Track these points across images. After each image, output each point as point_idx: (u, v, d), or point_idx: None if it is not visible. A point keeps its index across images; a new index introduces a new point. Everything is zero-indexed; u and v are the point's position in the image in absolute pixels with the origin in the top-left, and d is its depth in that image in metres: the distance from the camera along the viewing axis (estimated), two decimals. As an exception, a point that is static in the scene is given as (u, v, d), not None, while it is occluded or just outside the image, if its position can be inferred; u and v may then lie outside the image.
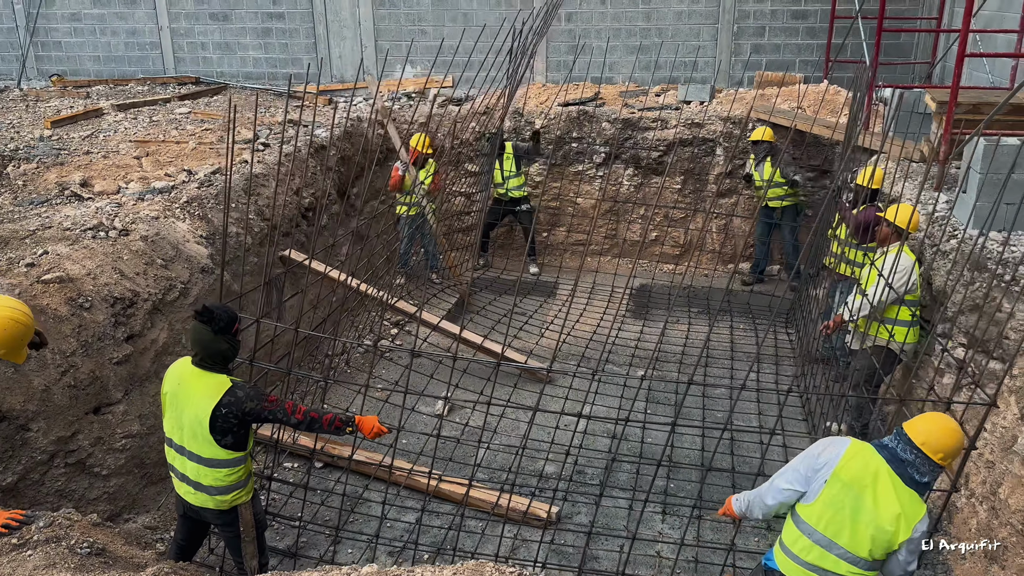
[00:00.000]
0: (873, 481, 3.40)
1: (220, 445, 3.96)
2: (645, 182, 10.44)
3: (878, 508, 3.35)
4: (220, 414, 3.89)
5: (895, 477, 3.39)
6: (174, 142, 8.81)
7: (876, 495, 3.37)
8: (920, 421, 3.46)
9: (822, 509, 3.48)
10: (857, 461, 3.47)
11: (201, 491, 4.09)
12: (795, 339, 8.57)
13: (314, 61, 13.34)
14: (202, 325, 3.93)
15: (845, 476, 3.45)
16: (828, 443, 3.61)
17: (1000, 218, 6.13)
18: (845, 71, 11.53)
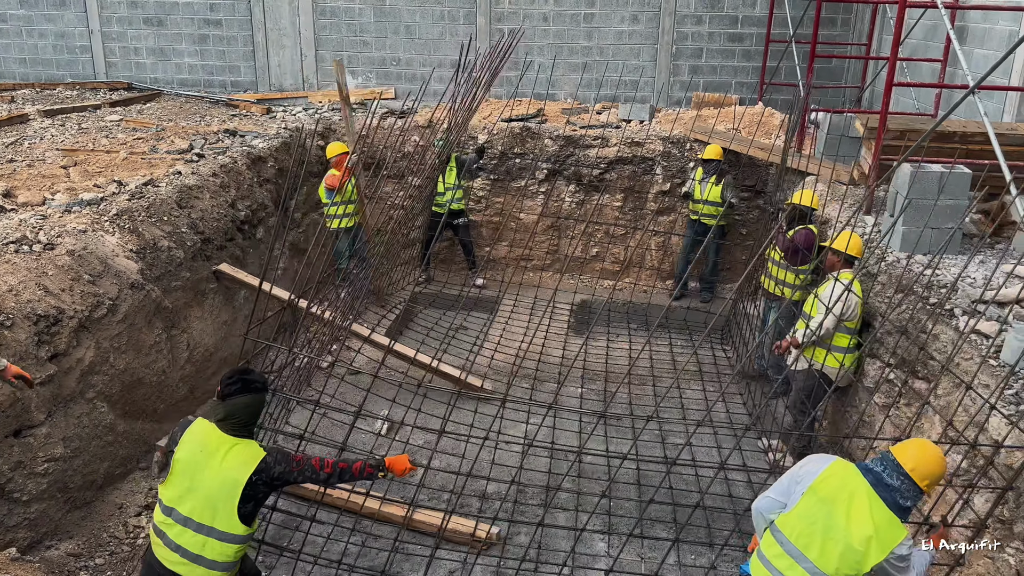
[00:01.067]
0: (849, 499, 3.42)
1: (241, 518, 3.66)
2: (587, 199, 10.53)
3: (850, 527, 3.37)
4: (252, 482, 3.65)
5: (875, 499, 3.41)
6: (104, 151, 8.53)
7: (849, 513, 3.39)
8: (910, 447, 3.50)
9: (796, 521, 3.50)
10: (836, 479, 3.50)
11: (200, 565, 3.72)
12: (733, 355, 8.73)
13: (252, 69, 13.11)
14: (257, 394, 3.77)
15: (822, 491, 3.49)
16: (814, 458, 3.66)
17: (924, 242, 6.37)
18: (779, 93, 11.86)
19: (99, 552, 5.19)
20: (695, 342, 9.10)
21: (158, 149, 8.76)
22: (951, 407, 4.81)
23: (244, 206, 8.39)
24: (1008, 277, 5.43)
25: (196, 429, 3.76)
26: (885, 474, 3.46)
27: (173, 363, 6.65)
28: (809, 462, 3.65)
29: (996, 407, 4.33)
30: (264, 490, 3.72)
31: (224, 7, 12.78)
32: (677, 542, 5.26)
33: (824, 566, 3.38)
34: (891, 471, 3.45)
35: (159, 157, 8.41)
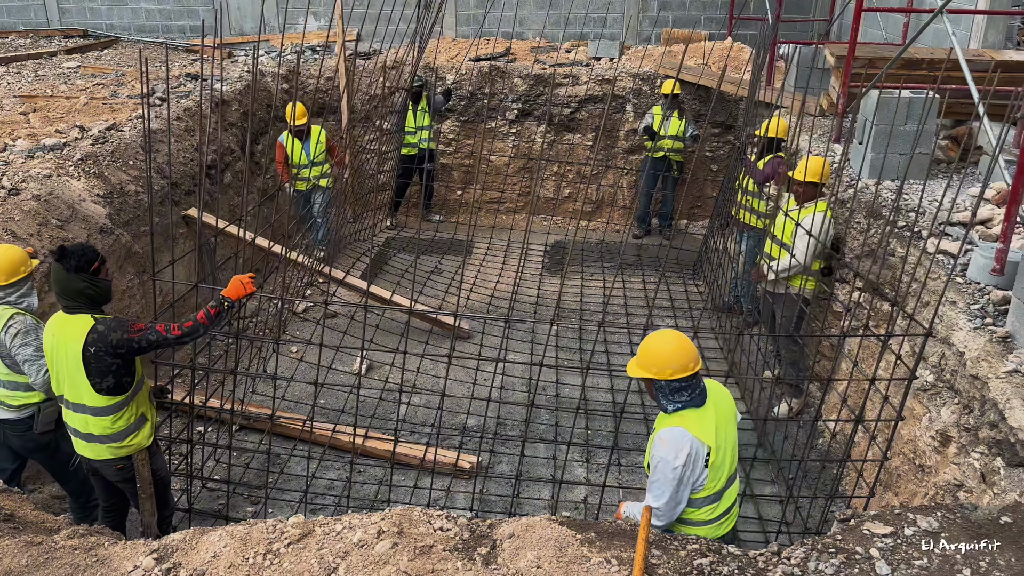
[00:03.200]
0: (728, 418, 3.49)
1: (98, 390, 3.83)
2: (558, 139, 10.49)
3: (728, 433, 3.48)
4: (90, 354, 3.76)
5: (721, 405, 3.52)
6: (64, 97, 8.30)
7: (728, 432, 3.46)
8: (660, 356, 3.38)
9: (714, 475, 3.39)
10: (706, 426, 3.35)
11: (94, 442, 3.98)
12: (704, 290, 8.84)
13: (211, 13, 12.76)
14: (56, 264, 3.81)
15: (714, 440, 3.36)
16: (679, 446, 3.28)
17: (891, 168, 6.45)
18: (748, 28, 11.82)
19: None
20: (667, 279, 9.20)
21: (119, 94, 8.55)
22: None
23: (210, 150, 8.24)
24: (979, 200, 5.54)
25: (51, 319, 3.98)
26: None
27: (146, 308, 6.60)
28: (679, 451, 3.27)
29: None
30: (110, 360, 3.78)
31: (179, -52, 12.39)
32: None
33: (731, 470, 3.48)
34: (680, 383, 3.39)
35: (121, 102, 8.21)
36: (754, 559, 2.74)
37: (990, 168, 3.98)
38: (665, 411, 3.38)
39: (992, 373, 4.08)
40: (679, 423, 3.30)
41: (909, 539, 2.83)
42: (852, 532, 2.89)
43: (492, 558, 2.73)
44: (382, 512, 3.03)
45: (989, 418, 4.03)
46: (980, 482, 3.93)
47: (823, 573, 2.65)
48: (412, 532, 2.84)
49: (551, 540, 2.76)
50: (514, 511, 5.22)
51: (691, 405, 3.34)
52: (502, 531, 2.90)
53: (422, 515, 2.99)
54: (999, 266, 4.53)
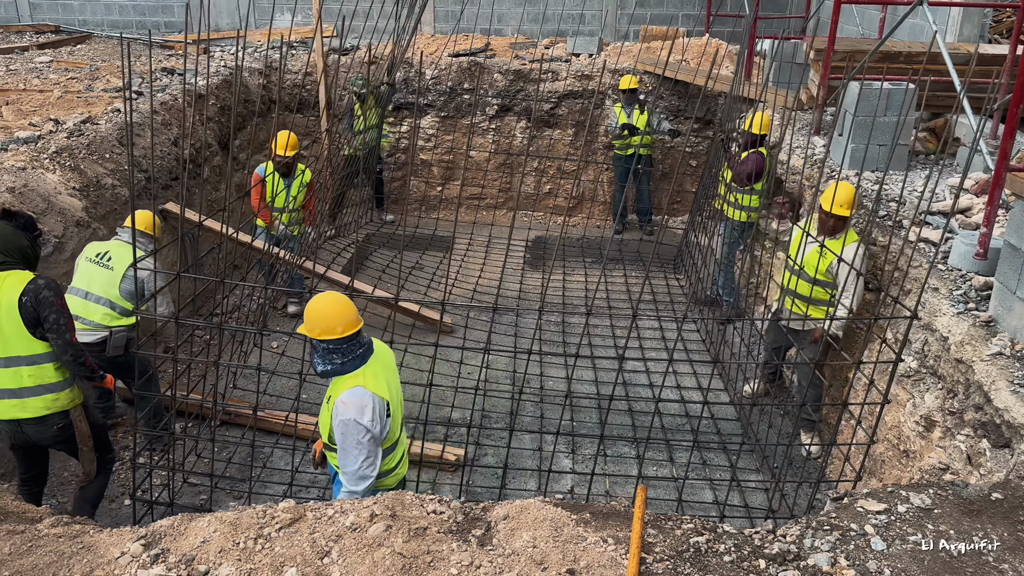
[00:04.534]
0: (393, 371, 3.71)
1: (36, 336, 4.01)
2: (538, 135, 10.48)
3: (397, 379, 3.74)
4: (23, 303, 3.95)
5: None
6: (37, 91, 8.15)
7: (395, 375, 3.73)
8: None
9: (394, 424, 3.62)
10: (379, 380, 3.49)
11: (29, 396, 4.05)
12: (686, 283, 8.87)
13: (185, 9, 12.61)
14: (2, 221, 4.09)
15: (387, 393, 3.50)
16: (363, 404, 3.39)
17: (871, 159, 6.51)
18: (725, 25, 11.90)
19: (61, 491, 5.10)
20: (648, 273, 9.20)
21: (94, 88, 8.41)
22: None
23: (187, 144, 8.13)
24: (959, 190, 5.61)
25: None
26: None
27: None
28: (363, 408, 3.38)
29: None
30: (40, 311, 3.97)
31: (153, -57, 12.24)
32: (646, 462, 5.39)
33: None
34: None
35: (96, 95, 8.08)
36: (750, 537, 2.74)
37: (969, 158, 4.03)
38: (339, 374, 3.49)
39: (977, 356, 4.12)
40: (359, 382, 3.42)
41: (903, 515, 2.84)
42: (846, 510, 2.89)
43: (487, 539, 2.70)
44: (374, 496, 2.99)
45: (974, 401, 4.07)
46: (966, 464, 3.96)
47: (819, 549, 2.65)
48: (405, 515, 2.81)
49: (546, 520, 2.74)
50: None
51: (352, 366, 3.47)
52: (496, 513, 2.88)
53: (415, 499, 2.96)
54: (983, 250, 4.58)
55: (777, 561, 2.59)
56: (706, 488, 5.48)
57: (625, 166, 9.72)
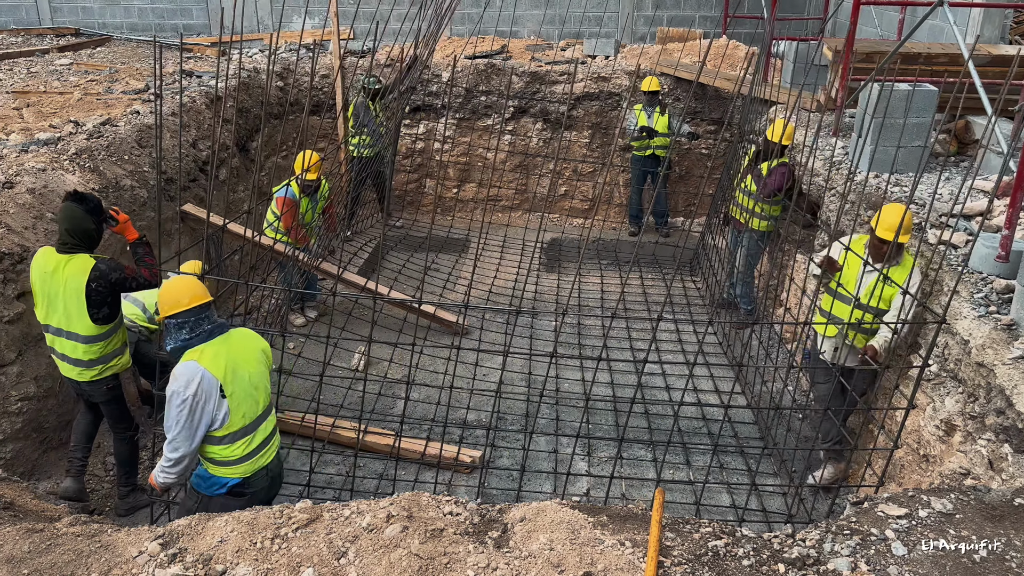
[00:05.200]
0: (246, 358, 3.71)
1: (95, 320, 4.42)
2: (554, 136, 10.47)
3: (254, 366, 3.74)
4: (91, 289, 4.35)
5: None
6: (57, 93, 8.23)
7: (250, 362, 3.72)
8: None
9: (237, 413, 3.60)
10: (218, 360, 3.57)
11: (81, 367, 4.53)
12: (702, 285, 8.83)
13: (204, 12, 12.71)
14: (74, 204, 4.37)
15: (223, 374, 3.56)
16: (190, 378, 3.50)
17: (891, 161, 6.45)
18: (742, 27, 11.84)
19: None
20: (665, 275, 9.18)
21: (113, 90, 8.48)
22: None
23: (205, 146, 8.19)
24: (993, 192, 5.54)
25: (39, 256, 4.50)
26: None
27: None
28: (189, 382, 3.48)
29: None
30: (106, 294, 4.42)
31: (173, -53, 12.33)
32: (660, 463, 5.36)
33: (262, 406, 3.78)
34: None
35: (115, 97, 8.15)
36: (769, 541, 2.71)
37: (1005, 161, 3.97)
38: (184, 350, 3.61)
39: (998, 360, 4.07)
40: (194, 357, 3.55)
41: (924, 520, 2.80)
42: (866, 514, 2.86)
43: (504, 541, 2.69)
44: (390, 497, 2.99)
45: (996, 405, 4.02)
46: (988, 469, 3.91)
47: (839, 554, 2.62)
48: (422, 516, 2.80)
49: (563, 523, 2.72)
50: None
51: (199, 340, 3.59)
52: (512, 515, 2.87)
53: (431, 500, 2.95)
54: (1004, 253, 4.53)
55: (796, 566, 2.56)
56: (723, 492, 5.45)
57: (642, 168, 9.71)
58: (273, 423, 3.88)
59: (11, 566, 2.56)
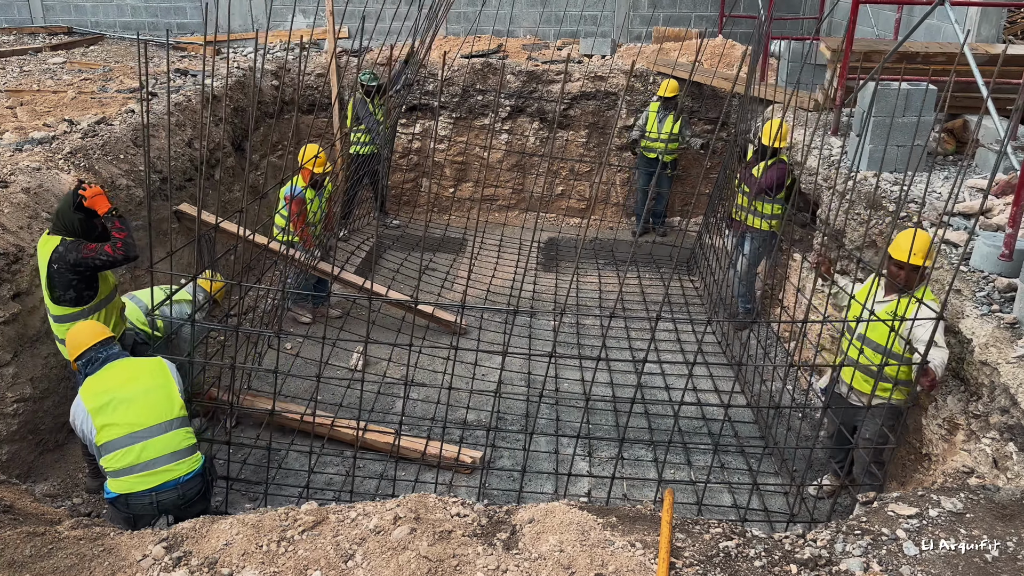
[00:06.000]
0: (126, 376, 4.05)
1: (57, 301, 4.61)
2: (551, 135, 10.44)
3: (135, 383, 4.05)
4: (52, 270, 4.52)
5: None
6: (51, 92, 8.17)
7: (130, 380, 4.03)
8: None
9: (103, 422, 3.90)
10: (97, 388, 3.98)
11: (61, 344, 4.79)
12: (700, 284, 8.82)
13: (198, 11, 12.63)
14: (70, 193, 4.58)
15: (95, 402, 3.93)
16: (74, 410, 4.04)
17: (889, 160, 6.45)
18: (738, 26, 11.84)
19: (75, 492, 5.08)
20: (663, 274, 9.17)
21: (108, 89, 8.42)
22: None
23: (201, 145, 8.12)
24: (987, 193, 5.54)
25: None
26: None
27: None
28: (74, 413, 4.03)
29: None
30: (70, 275, 4.52)
31: (166, -55, 12.25)
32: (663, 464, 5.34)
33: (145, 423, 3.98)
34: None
35: (109, 96, 8.09)
36: (780, 542, 2.69)
37: (998, 160, 3.97)
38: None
39: (1002, 359, 4.06)
40: (80, 391, 4.02)
41: (934, 520, 2.79)
42: (876, 514, 2.84)
43: (513, 543, 2.66)
44: (396, 499, 2.96)
45: (1000, 403, 4.01)
46: (993, 467, 3.90)
47: (851, 554, 2.61)
48: (429, 518, 2.77)
49: (573, 524, 2.70)
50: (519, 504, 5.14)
51: (88, 374, 4.06)
52: (520, 516, 2.84)
53: (438, 501, 2.93)
54: (1008, 251, 4.52)
55: (809, 566, 2.54)
56: (724, 491, 5.43)
57: (648, 169, 9.71)
58: (175, 447, 3.96)
59: (13, 570, 2.52)
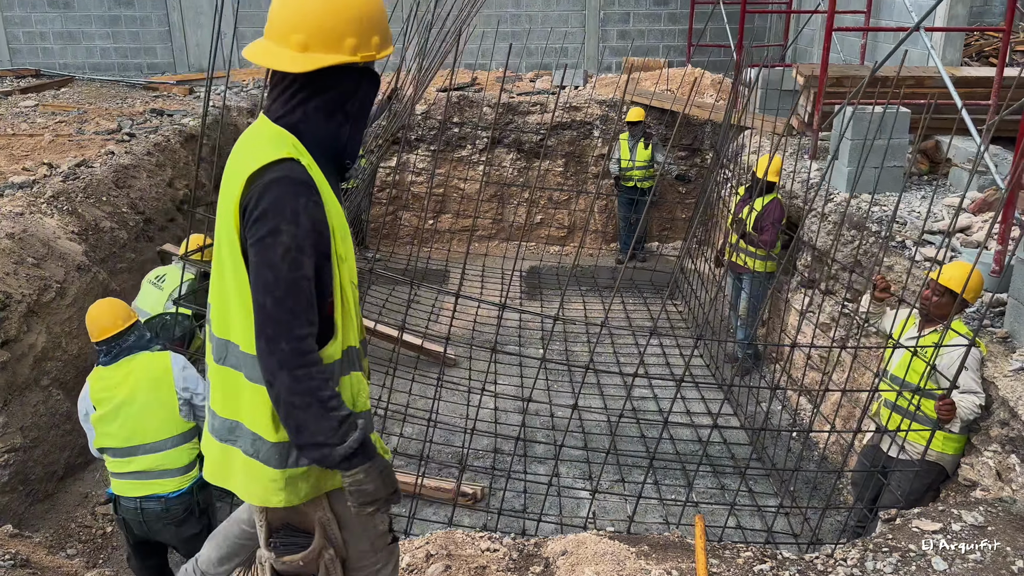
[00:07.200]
0: (133, 386, 3.88)
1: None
2: (528, 166, 10.54)
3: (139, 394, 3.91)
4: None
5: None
6: (27, 135, 8.07)
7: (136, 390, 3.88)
8: None
9: (103, 430, 3.87)
10: (104, 385, 3.87)
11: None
12: (683, 309, 8.91)
13: (169, 51, 12.60)
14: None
15: (100, 398, 3.87)
16: (83, 393, 3.97)
17: (868, 181, 6.61)
18: (705, 55, 12.10)
19: (70, 542, 4.95)
20: (646, 299, 9.25)
21: (85, 131, 8.34)
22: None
23: (181, 185, 8.08)
24: (964, 211, 5.70)
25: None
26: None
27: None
28: (82, 396, 3.97)
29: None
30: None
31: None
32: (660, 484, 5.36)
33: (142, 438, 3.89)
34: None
35: (88, 138, 8.01)
36: (812, 563, 2.72)
37: (969, 180, 4.12)
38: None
39: (998, 372, 4.16)
40: (91, 376, 3.92)
41: (958, 534, 2.84)
42: (901, 530, 2.89)
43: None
44: (423, 536, 2.94)
45: (999, 416, 4.10)
46: (996, 480, 3.98)
47: (882, 572, 2.64)
48: (461, 554, 2.75)
49: (607, 555, 2.70)
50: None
51: (99, 364, 3.91)
52: (551, 549, 2.83)
53: (465, 536, 2.91)
54: (998, 267, 4.65)
55: (844, 586, 2.57)
56: (725, 514, 5.45)
57: (627, 196, 9.82)
58: (169, 464, 3.88)
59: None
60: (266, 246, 1.86)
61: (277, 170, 1.89)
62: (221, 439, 2.05)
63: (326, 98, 1.96)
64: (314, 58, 1.89)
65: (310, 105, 1.96)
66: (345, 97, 1.98)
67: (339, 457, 1.89)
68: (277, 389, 1.86)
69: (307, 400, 1.85)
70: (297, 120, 1.96)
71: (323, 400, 1.87)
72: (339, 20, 1.90)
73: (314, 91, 1.95)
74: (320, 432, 1.87)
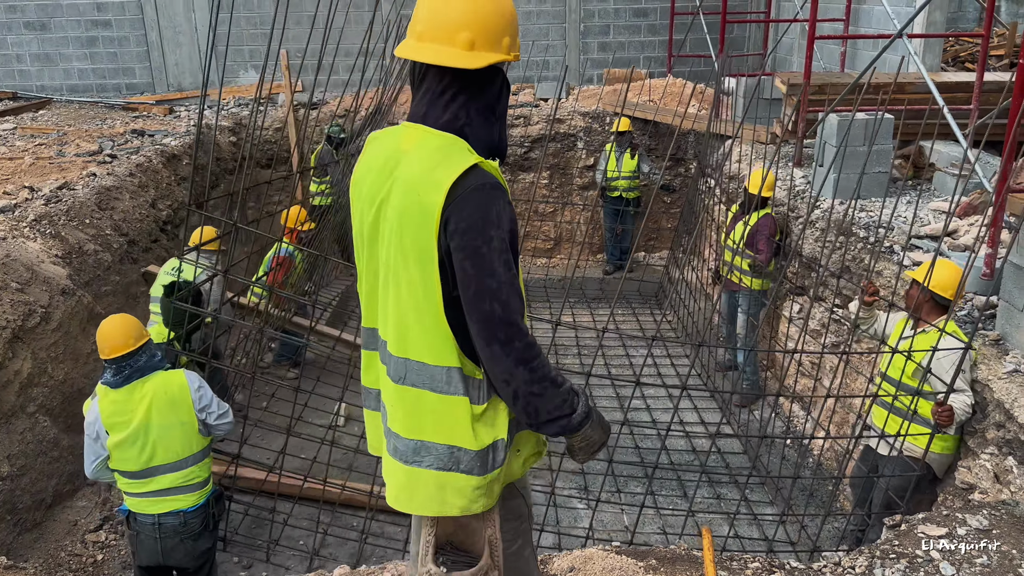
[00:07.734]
0: (149, 408, 3.83)
1: None
2: (513, 178, 10.54)
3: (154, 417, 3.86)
4: None
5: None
6: (6, 158, 7.97)
7: (152, 413, 3.83)
8: None
9: (120, 455, 3.83)
10: (117, 409, 3.81)
11: None
12: (673, 318, 8.92)
13: (148, 70, 12.52)
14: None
15: (113, 419, 3.80)
16: (90, 410, 3.90)
17: (852, 187, 6.65)
18: (685, 65, 12.18)
19: (60, 572, 4.86)
20: (634, 309, 9.26)
21: (65, 153, 8.25)
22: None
23: (165, 205, 8.00)
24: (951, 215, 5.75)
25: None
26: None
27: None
28: (88, 412, 3.91)
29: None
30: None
31: (112, 6, 12.15)
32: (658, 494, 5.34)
33: (163, 459, 3.90)
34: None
35: (68, 161, 7.92)
36: (820, 571, 2.70)
37: (956, 183, 4.15)
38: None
39: (992, 375, 4.18)
40: (100, 394, 3.85)
41: (964, 538, 2.83)
42: (906, 536, 2.88)
43: (558, 594, 2.62)
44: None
45: (994, 419, 4.12)
46: (994, 482, 3.99)
47: (892, 579, 2.63)
48: (467, 574, 2.71)
49: (615, 570, 2.67)
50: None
51: (107, 384, 3.82)
52: (558, 565, 2.80)
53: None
54: (989, 270, 4.69)
55: (854, 595, 2.55)
56: (724, 522, 5.44)
57: (613, 207, 9.83)
58: (186, 480, 3.89)
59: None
60: (482, 255, 1.87)
61: (473, 177, 1.89)
62: (407, 461, 2.03)
63: (486, 99, 2.01)
64: (481, 56, 1.92)
65: (472, 107, 1.98)
66: (497, 97, 2.04)
67: (576, 424, 2.03)
68: (515, 385, 1.93)
69: (544, 385, 1.95)
70: (463, 124, 1.98)
71: (553, 380, 1.98)
72: (501, 19, 1.96)
73: (474, 93, 1.98)
74: (556, 408, 1.99)
